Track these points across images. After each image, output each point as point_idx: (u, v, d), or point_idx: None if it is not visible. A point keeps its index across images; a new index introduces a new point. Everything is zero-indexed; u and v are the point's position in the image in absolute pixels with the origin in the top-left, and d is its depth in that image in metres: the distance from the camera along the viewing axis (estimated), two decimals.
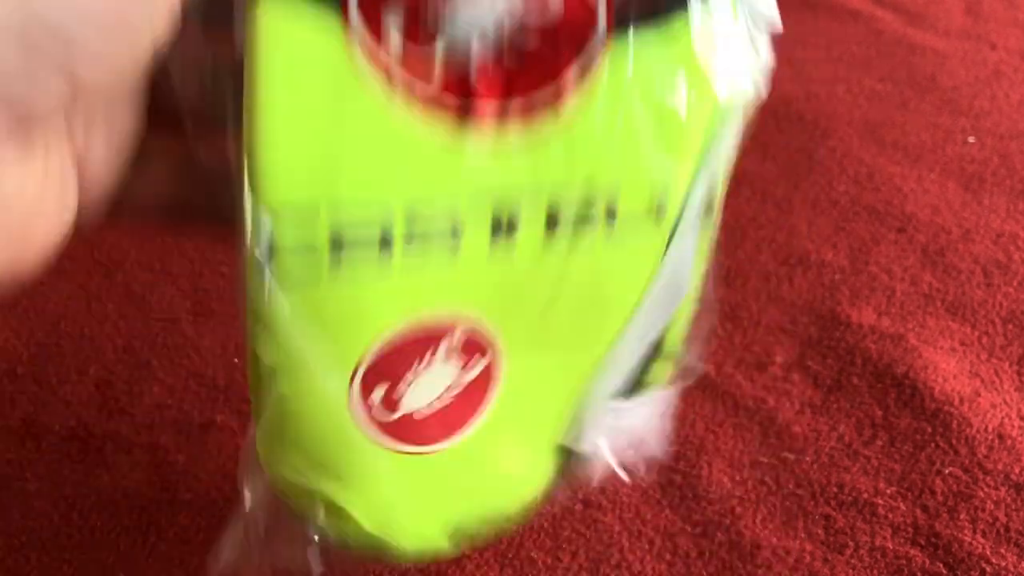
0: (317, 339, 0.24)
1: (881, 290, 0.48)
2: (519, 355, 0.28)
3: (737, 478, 0.38)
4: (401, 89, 0.23)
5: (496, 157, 0.24)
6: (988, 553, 0.35)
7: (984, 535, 0.36)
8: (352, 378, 0.25)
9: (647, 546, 0.36)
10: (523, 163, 0.24)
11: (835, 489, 0.38)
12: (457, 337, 0.26)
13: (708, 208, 0.28)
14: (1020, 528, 0.36)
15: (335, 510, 0.28)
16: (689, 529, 0.36)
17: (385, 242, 0.23)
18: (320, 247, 0.23)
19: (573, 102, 0.24)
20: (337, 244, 0.23)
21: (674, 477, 0.39)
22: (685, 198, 0.27)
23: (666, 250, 0.28)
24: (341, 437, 0.26)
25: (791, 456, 0.39)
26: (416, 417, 0.27)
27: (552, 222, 0.25)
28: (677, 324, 0.30)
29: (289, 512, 0.29)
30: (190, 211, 0.27)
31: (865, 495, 0.37)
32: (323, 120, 0.22)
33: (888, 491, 0.38)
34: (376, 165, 0.23)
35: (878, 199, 0.55)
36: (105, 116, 0.23)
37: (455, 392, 0.27)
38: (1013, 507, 0.37)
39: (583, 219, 0.25)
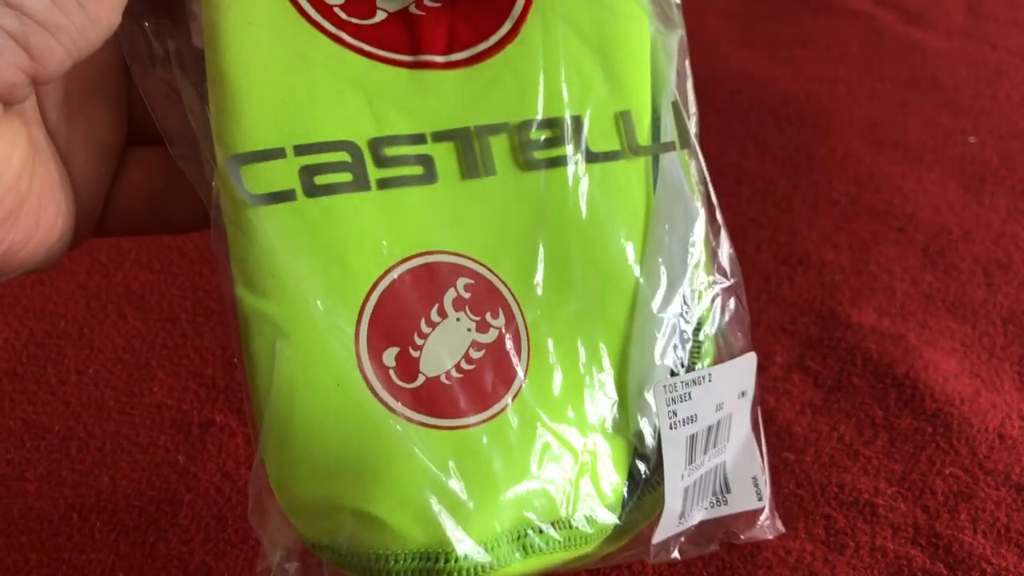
0: (308, 271, 0.24)
1: (881, 290, 0.48)
2: (538, 312, 0.26)
3: None
4: (350, 35, 0.26)
5: (449, 94, 0.26)
6: (988, 553, 0.35)
7: (985, 535, 0.36)
8: (357, 335, 0.24)
9: None
10: (477, 99, 0.26)
11: (836, 489, 0.38)
12: (461, 289, 0.25)
13: (683, 136, 0.29)
14: (1021, 528, 0.36)
15: (367, 521, 0.23)
16: None
17: (357, 168, 0.25)
18: (291, 175, 0.24)
19: (513, 44, 0.27)
20: (307, 172, 0.24)
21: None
22: (653, 126, 0.28)
23: (654, 183, 0.28)
24: (358, 413, 0.23)
25: (791, 456, 0.39)
26: (444, 382, 0.24)
27: (522, 156, 0.26)
28: (697, 289, 0.28)
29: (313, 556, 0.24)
30: (174, 216, 0.28)
31: (866, 495, 0.37)
32: (280, 72, 0.25)
33: (889, 491, 0.38)
34: (336, 104, 0.25)
35: (878, 199, 0.55)
36: (84, 118, 0.25)
37: (480, 355, 0.25)
38: (1014, 507, 0.37)
39: (553, 149, 0.27)
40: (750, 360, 0.28)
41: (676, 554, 0.28)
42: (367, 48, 0.26)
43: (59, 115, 0.25)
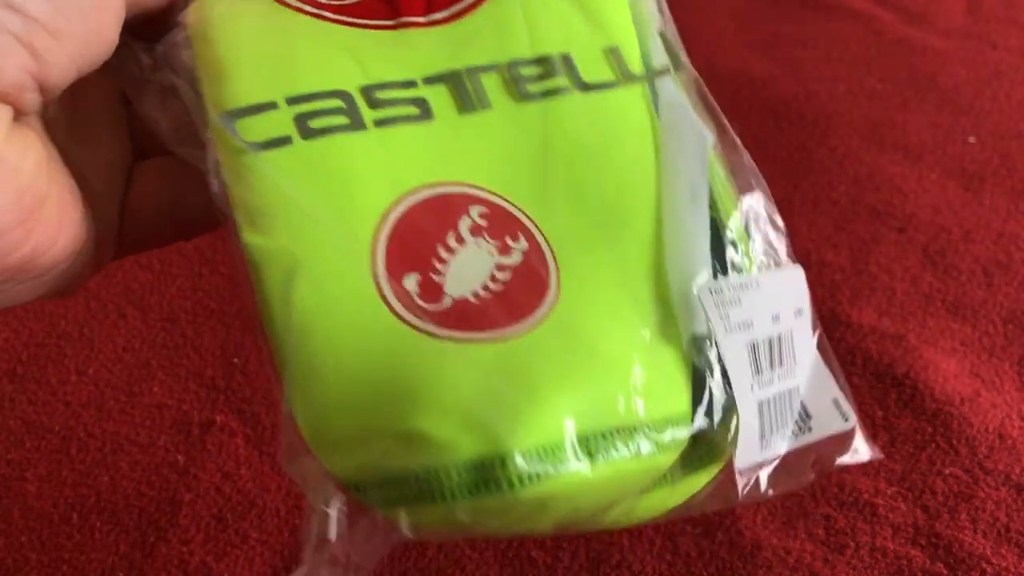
0: (315, 204, 0.24)
1: (881, 290, 0.48)
2: (559, 232, 0.25)
3: None
4: (331, 13, 0.26)
5: (434, 45, 0.27)
6: (988, 553, 0.35)
7: (985, 535, 0.36)
8: (373, 263, 0.23)
9: (647, 546, 0.36)
10: (462, 47, 0.27)
11: (836, 489, 0.38)
12: (475, 216, 0.25)
13: (675, 59, 0.29)
14: (1021, 528, 0.36)
15: (412, 440, 0.21)
16: (690, 529, 0.36)
17: (352, 111, 0.25)
18: (286, 123, 0.24)
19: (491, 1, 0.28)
20: (301, 118, 0.24)
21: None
22: (643, 53, 0.28)
23: (655, 105, 0.28)
24: (385, 337, 0.22)
25: None
26: (473, 303, 0.23)
27: (516, 89, 0.27)
28: (721, 188, 0.27)
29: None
30: (186, 217, 0.28)
31: (866, 495, 0.37)
32: (266, 41, 0.25)
33: (889, 491, 0.38)
34: (323, 61, 0.26)
35: (878, 199, 0.55)
36: (90, 143, 0.26)
37: (506, 276, 0.24)
38: (1014, 507, 0.37)
39: (547, 81, 0.27)
40: (798, 273, 0.27)
41: (767, 489, 0.26)
42: (348, 19, 0.27)
43: (65, 140, 0.25)
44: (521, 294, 0.24)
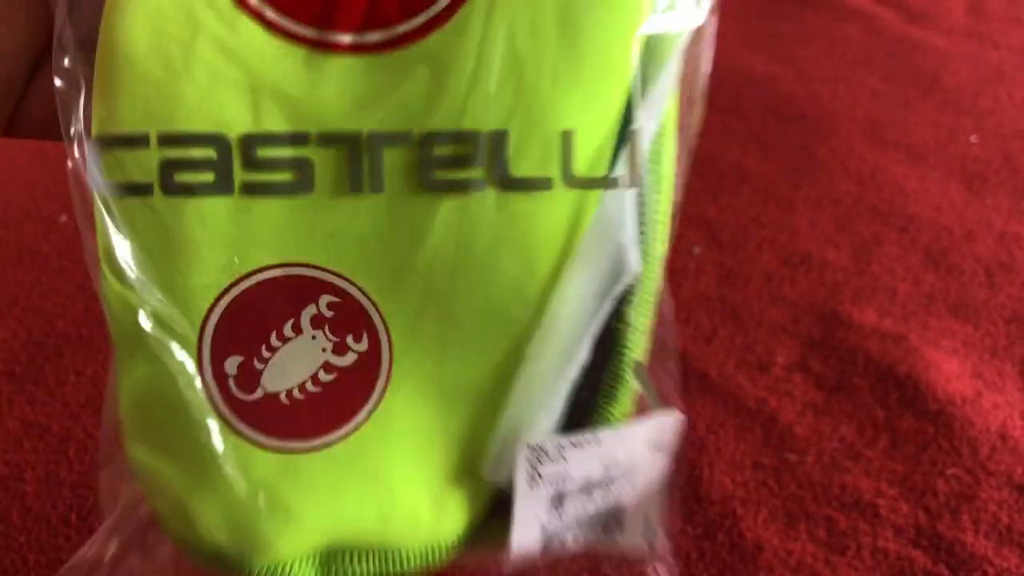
0: (156, 270, 0.23)
1: (883, 290, 0.48)
2: (408, 344, 0.24)
3: (739, 479, 0.38)
4: (250, 14, 0.22)
5: (347, 86, 0.23)
6: (990, 554, 0.35)
7: (986, 536, 0.36)
8: (201, 339, 0.23)
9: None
10: (379, 96, 0.23)
11: (837, 490, 0.38)
12: (323, 306, 0.23)
13: (655, 161, 0.24)
14: (1023, 530, 0.36)
15: (179, 511, 0.23)
16: (690, 530, 0.36)
17: (222, 167, 0.22)
18: (150, 167, 0.22)
19: (443, 30, 0.22)
20: (168, 167, 0.22)
21: (675, 478, 0.38)
22: (603, 153, 0.23)
23: (580, 218, 0.23)
24: (191, 415, 0.23)
25: (793, 457, 0.39)
26: (283, 401, 0.23)
27: (421, 175, 0.23)
28: (631, 324, 0.24)
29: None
30: None
31: (867, 496, 0.37)
32: (164, 38, 0.22)
33: (890, 492, 0.37)
34: (214, 88, 0.22)
35: (880, 199, 0.55)
36: (4, 22, 0.24)
37: (330, 379, 0.23)
38: (1015, 508, 0.37)
39: (460, 170, 0.23)
40: (670, 420, 0.26)
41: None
42: (268, 15, 0.22)
43: None
44: (334, 405, 0.24)
